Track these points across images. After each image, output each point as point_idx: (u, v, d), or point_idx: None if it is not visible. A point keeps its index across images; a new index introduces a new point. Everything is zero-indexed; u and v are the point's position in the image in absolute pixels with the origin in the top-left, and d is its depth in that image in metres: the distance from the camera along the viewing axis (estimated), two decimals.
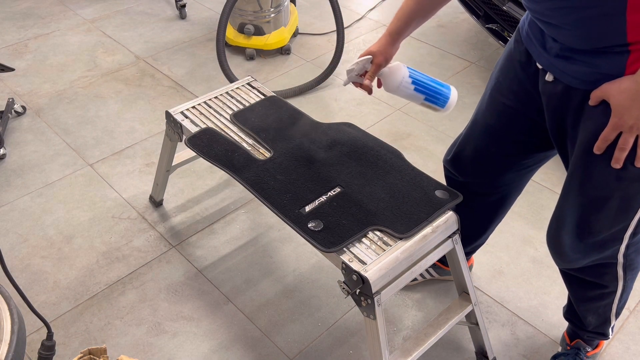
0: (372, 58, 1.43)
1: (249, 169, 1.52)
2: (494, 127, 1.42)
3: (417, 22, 1.39)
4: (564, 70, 1.16)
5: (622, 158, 1.12)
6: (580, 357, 1.61)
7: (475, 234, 1.70)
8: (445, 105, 1.49)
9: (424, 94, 1.47)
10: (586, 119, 1.17)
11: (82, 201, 2.16)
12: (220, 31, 2.67)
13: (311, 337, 1.73)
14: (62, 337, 1.70)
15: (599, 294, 1.44)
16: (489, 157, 1.47)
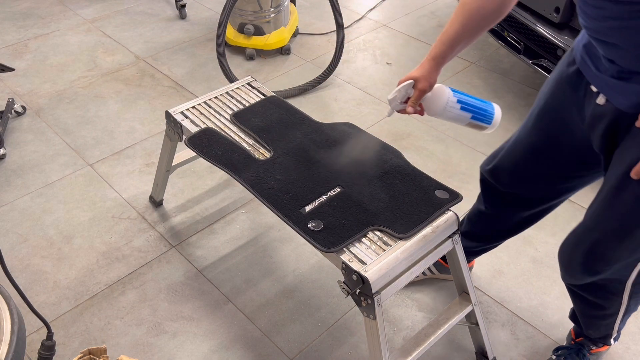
0: (413, 83, 1.37)
1: (249, 169, 1.52)
2: (538, 147, 1.39)
3: (462, 46, 1.33)
4: (617, 92, 1.13)
5: None
6: (583, 352, 1.61)
7: (493, 238, 1.70)
8: (491, 122, 1.44)
9: (470, 113, 1.43)
10: (630, 141, 1.15)
11: (82, 201, 2.16)
12: (220, 31, 2.67)
13: (311, 337, 1.73)
14: (62, 337, 1.70)
15: (601, 314, 1.45)
16: (528, 175, 1.45)
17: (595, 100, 1.19)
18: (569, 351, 1.62)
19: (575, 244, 1.32)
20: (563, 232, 2.07)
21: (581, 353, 1.61)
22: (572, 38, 2.21)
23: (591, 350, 1.63)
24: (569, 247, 1.34)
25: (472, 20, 1.26)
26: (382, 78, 2.90)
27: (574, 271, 1.35)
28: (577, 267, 1.32)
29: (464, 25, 1.27)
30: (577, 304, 1.51)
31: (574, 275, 1.36)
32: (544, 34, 2.31)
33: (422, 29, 3.33)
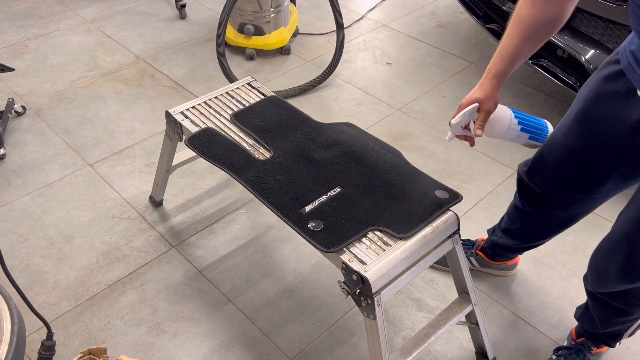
0: (478, 106, 1.33)
1: (249, 169, 1.52)
2: (574, 149, 1.37)
3: (522, 59, 1.29)
4: None
5: None
6: (584, 353, 1.61)
7: (534, 237, 1.70)
8: (544, 141, 1.46)
9: (528, 133, 1.43)
10: None
11: (82, 201, 2.16)
12: (220, 31, 2.67)
13: (311, 337, 1.73)
14: (62, 337, 1.70)
15: (622, 320, 1.45)
16: (563, 177, 1.44)
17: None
18: (570, 351, 1.62)
19: (611, 252, 1.29)
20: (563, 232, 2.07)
21: (582, 353, 1.61)
22: (572, 38, 2.21)
23: (592, 351, 1.63)
24: (605, 255, 1.31)
25: (532, 32, 1.23)
26: (382, 78, 2.90)
27: (610, 281, 1.32)
28: (614, 277, 1.30)
29: (524, 39, 1.24)
30: (597, 309, 1.50)
31: (608, 284, 1.34)
32: None
33: (422, 29, 3.33)
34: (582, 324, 1.62)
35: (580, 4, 2.14)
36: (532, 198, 1.57)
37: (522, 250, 1.80)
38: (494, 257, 1.86)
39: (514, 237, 1.73)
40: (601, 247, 1.34)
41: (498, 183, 2.28)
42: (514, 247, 1.77)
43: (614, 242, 1.29)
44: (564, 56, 2.30)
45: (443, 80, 2.88)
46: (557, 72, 2.33)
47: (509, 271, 1.91)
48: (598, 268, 1.35)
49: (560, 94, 2.78)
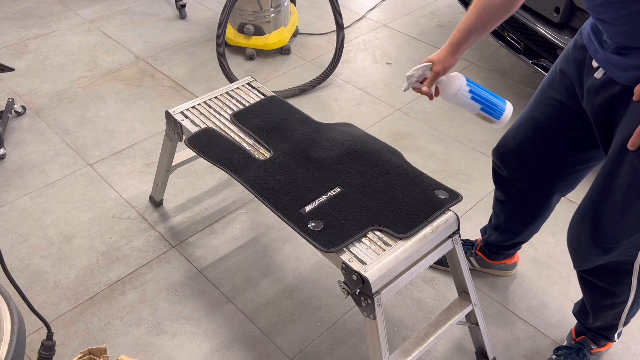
0: (431, 65, 1.45)
1: (249, 169, 1.52)
2: (541, 120, 1.46)
3: (476, 36, 1.41)
4: (616, 67, 1.19)
5: None
6: (584, 352, 1.61)
7: (517, 229, 1.73)
8: (500, 117, 1.49)
9: (480, 104, 1.48)
10: (628, 115, 1.19)
11: (82, 201, 2.16)
12: (220, 31, 2.67)
13: (311, 337, 1.73)
14: (62, 337, 1.70)
15: (610, 302, 1.46)
16: (533, 151, 1.50)
17: (593, 74, 1.26)
18: (570, 351, 1.62)
19: (580, 221, 1.34)
20: (563, 232, 2.07)
21: (582, 353, 1.61)
22: (572, 38, 2.21)
23: (592, 350, 1.63)
24: (575, 225, 1.37)
25: (484, 12, 1.35)
26: (382, 78, 2.90)
27: (583, 252, 1.37)
28: (586, 246, 1.34)
29: (477, 16, 1.37)
30: (587, 293, 1.52)
31: (583, 256, 1.38)
32: (544, 34, 2.31)
33: (422, 29, 3.33)
34: (579, 319, 1.63)
35: (580, 4, 2.15)
36: (506, 185, 1.63)
37: (514, 247, 1.81)
38: (492, 257, 1.87)
39: (503, 232, 1.76)
40: (573, 219, 1.38)
41: None
42: (506, 244, 1.79)
43: (582, 212, 1.33)
44: None
45: None
46: None
47: (508, 271, 1.91)
48: (572, 240, 1.40)
49: None
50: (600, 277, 1.42)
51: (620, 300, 1.43)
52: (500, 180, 1.64)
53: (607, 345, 1.65)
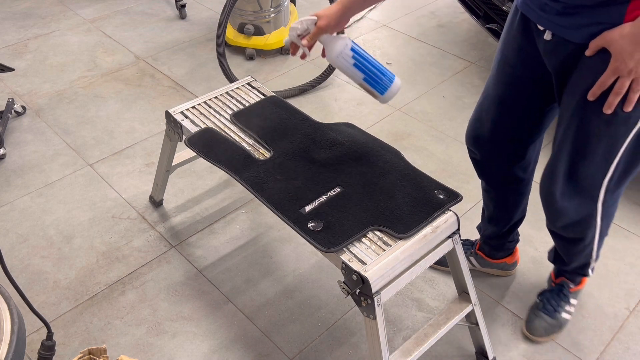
0: (317, 20, 1.44)
1: (249, 169, 1.52)
2: (506, 97, 1.49)
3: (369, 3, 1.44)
4: (564, 26, 1.24)
5: (615, 103, 1.20)
6: (564, 292, 1.74)
7: (507, 215, 1.77)
8: (384, 93, 1.45)
9: (363, 73, 1.44)
10: (584, 70, 1.25)
11: (82, 201, 2.16)
12: (220, 31, 2.67)
13: (311, 337, 1.73)
14: (62, 337, 1.70)
15: (582, 247, 1.57)
16: (505, 128, 1.54)
17: (543, 37, 1.30)
18: (551, 293, 1.75)
19: (550, 175, 1.43)
20: None
21: (562, 293, 1.74)
22: None
23: (571, 289, 1.75)
24: (546, 179, 1.45)
25: None
26: None
27: (555, 202, 1.45)
28: (559, 195, 1.43)
29: None
30: (560, 246, 1.64)
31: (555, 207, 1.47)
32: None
33: (422, 29, 3.33)
34: (556, 264, 1.74)
35: None
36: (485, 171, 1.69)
37: (510, 234, 1.83)
38: (492, 255, 1.87)
39: (497, 222, 1.79)
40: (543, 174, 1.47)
41: None
42: (501, 233, 1.82)
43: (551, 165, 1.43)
44: None
45: (443, 80, 2.88)
46: None
47: (509, 270, 1.91)
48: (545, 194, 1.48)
49: None
50: (569, 230, 1.53)
51: (589, 241, 1.55)
52: (480, 167, 1.70)
53: (583, 281, 1.77)
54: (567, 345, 1.72)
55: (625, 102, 1.20)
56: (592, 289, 1.89)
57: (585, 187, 1.40)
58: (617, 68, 1.16)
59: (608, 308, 1.83)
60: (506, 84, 1.48)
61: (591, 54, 1.21)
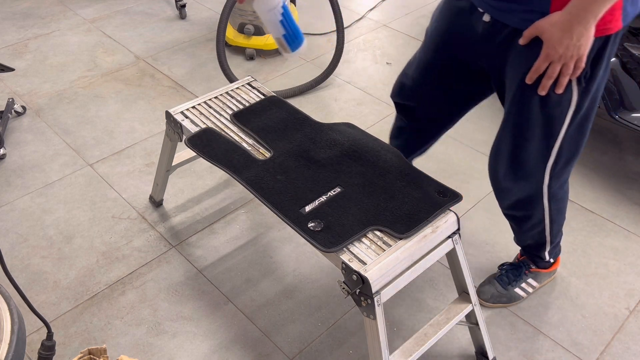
0: None
1: (249, 169, 1.52)
2: (433, 64, 1.59)
3: None
4: (502, 10, 1.31)
5: (548, 85, 1.30)
6: (522, 270, 1.83)
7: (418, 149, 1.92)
8: (295, 50, 1.60)
9: (285, 30, 1.56)
10: (521, 56, 1.33)
11: (82, 201, 2.16)
12: (220, 31, 2.67)
13: (311, 337, 1.73)
14: (62, 337, 1.70)
15: (531, 224, 1.66)
16: (429, 90, 1.65)
17: (482, 19, 1.37)
18: (511, 267, 1.85)
19: (495, 156, 1.53)
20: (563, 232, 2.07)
21: (520, 269, 1.83)
22: None
23: (531, 269, 1.84)
24: (493, 160, 1.55)
25: None
26: (382, 78, 2.90)
27: (501, 182, 1.55)
28: (502, 176, 1.54)
29: None
30: (511, 224, 1.75)
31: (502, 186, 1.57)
32: None
33: (422, 29, 3.33)
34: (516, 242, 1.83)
35: None
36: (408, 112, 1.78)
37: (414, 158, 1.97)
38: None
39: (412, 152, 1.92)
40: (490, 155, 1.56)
41: None
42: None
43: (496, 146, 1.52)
44: None
45: None
46: None
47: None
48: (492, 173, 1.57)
49: None
50: (517, 208, 1.63)
51: (538, 220, 1.64)
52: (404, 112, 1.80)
53: (552, 267, 1.86)
54: (567, 345, 1.72)
55: (556, 85, 1.30)
56: (592, 289, 1.89)
57: (528, 171, 1.49)
58: (548, 54, 1.24)
59: (608, 308, 1.83)
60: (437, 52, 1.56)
61: (525, 43, 1.29)
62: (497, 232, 2.07)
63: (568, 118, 1.36)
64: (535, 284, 1.84)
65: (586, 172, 2.34)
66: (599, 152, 2.44)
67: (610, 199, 2.22)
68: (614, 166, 2.37)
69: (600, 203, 2.20)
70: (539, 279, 1.85)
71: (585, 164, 2.38)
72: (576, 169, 2.34)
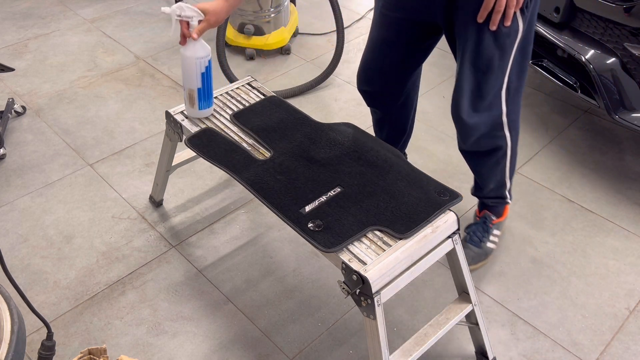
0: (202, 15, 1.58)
1: (249, 169, 1.52)
2: (389, 38, 1.71)
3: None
4: None
5: (498, 20, 1.44)
6: (487, 224, 1.95)
7: (399, 133, 2.04)
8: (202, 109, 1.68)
9: (202, 85, 1.63)
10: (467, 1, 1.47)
11: (82, 201, 2.16)
12: (220, 31, 2.67)
13: (311, 337, 1.73)
14: (62, 337, 1.70)
15: (494, 159, 1.77)
16: (392, 65, 1.76)
17: None
18: (476, 226, 1.96)
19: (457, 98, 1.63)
20: (563, 232, 2.08)
21: (485, 225, 1.95)
22: (572, 38, 2.21)
23: (493, 222, 1.95)
24: (455, 102, 1.65)
25: None
26: None
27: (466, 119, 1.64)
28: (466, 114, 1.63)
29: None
30: (476, 163, 1.85)
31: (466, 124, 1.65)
32: (544, 34, 2.31)
33: None
34: (477, 194, 1.96)
35: (580, 4, 2.15)
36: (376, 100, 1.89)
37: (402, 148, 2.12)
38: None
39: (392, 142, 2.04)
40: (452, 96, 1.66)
41: None
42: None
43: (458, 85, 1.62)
44: (564, 56, 2.30)
45: (443, 80, 2.88)
46: (557, 72, 2.33)
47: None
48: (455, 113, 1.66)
49: (560, 94, 2.78)
50: (482, 142, 1.72)
51: (502, 153, 1.75)
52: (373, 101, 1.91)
53: (505, 212, 1.98)
54: (567, 345, 1.72)
55: (504, 18, 1.44)
56: (592, 289, 1.89)
57: (488, 103, 1.62)
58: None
59: (608, 308, 1.83)
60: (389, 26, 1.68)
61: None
62: None
63: (515, 45, 1.53)
64: (498, 232, 1.99)
65: (586, 172, 2.34)
66: (599, 152, 2.44)
67: (610, 199, 2.22)
68: (614, 166, 2.37)
69: (600, 203, 2.20)
70: (500, 227, 2.00)
71: (585, 164, 2.38)
72: (576, 169, 2.35)
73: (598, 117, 2.62)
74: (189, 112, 1.71)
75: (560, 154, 2.44)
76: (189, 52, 1.61)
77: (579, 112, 2.67)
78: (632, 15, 1.97)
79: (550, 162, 2.39)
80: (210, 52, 1.63)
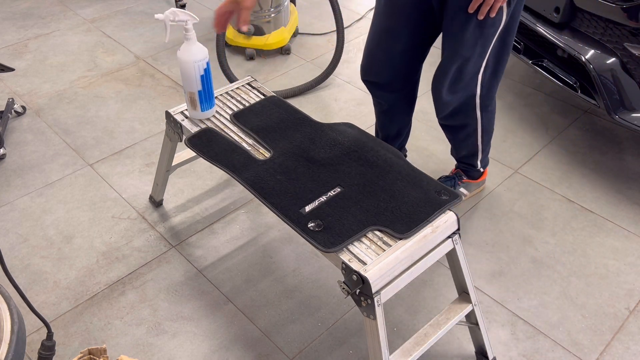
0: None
1: (249, 169, 1.52)
2: (393, 27, 1.77)
3: None
4: None
5: (486, 11, 1.56)
6: (455, 180, 2.14)
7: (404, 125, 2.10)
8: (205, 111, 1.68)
9: (202, 87, 1.64)
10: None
11: (82, 201, 2.16)
12: None
13: (311, 337, 1.73)
14: (62, 337, 1.70)
15: (465, 133, 1.96)
16: (396, 54, 1.82)
17: None
18: (447, 178, 2.15)
19: (440, 78, 1.76)
20: (563, 232, 2.08)
21: (454, 180, 2.14)
22: (572, 38, 2.21)
23: (463, 180, 2.14)
24: (437, 80, 1.78)
25: None
26: None
27: (443, 97, 1.79)
28: (445, 91, 1.78)
29: None
30: (449, 134, 2.03)
31: (443, 100, 1.81)
32: (544, 34, 2.31)
33: None
34: (452, 155, 2.13)
35: (580, 4, 2.15)
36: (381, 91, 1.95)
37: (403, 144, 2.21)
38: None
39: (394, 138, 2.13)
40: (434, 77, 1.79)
41: (498, 183, 2.28)
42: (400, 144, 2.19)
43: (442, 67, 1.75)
44: (564, 56, 2.30)
45: None
46: (557, 72, 2.33)
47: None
48: (436, 91, 1.80)
49: (560, 94, 2.78)
50: (455, 118, 1.90)
51: (472, 129, 1.93)
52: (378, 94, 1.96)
53: (480, 178, 2.17)
54: (567, 345, 1.72)
55: (491, 10, 1.56)
56: (592, 289, 1.89)
57: (465, 83, 1.76)
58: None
59: (608, 308, 1.83)
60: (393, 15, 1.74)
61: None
62: (497, 232, 2.07)
63: (497, 34, 1.66)
64: (466, 192, 2.16)
65: (586, 172, 2.34)
66: (599, 152, 2.44)
67: (610, 199, 2.22)
68: (614, 166, 2.37)
69: (600, 203, 2.20)
70: (469, 188, 2.17)
71: (585, 164, 2.38)
72: (576, 169, 2.35)
73: (598, 117, 2.62)
74: (191, 114, 1.71)
75: (560, 154, 2.44)
76: (186, 56, 1.61)
77: (579, 112, 2.67)
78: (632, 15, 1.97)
79: (550, 162, 2.39)
80: (208, 54, 1.64)
